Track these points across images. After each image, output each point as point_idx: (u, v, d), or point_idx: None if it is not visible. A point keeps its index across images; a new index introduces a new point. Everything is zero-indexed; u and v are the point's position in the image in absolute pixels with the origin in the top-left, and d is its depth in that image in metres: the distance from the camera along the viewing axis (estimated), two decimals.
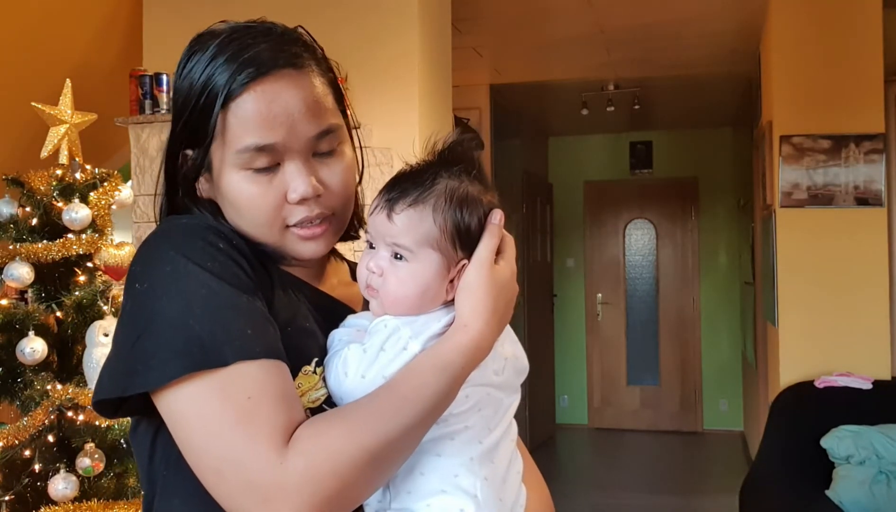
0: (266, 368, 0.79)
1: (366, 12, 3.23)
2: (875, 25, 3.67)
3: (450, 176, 0.90)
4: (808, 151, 3.71)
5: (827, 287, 3.69)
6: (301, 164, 0.92)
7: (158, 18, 3.48)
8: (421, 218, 0.88)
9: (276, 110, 0.90)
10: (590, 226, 7.51)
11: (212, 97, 0.90)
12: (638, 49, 4.96)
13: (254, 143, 0.89)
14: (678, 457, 6.45)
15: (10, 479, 2.39)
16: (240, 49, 0.92)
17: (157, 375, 0.79)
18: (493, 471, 0.89)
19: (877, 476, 3.05)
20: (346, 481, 0.76)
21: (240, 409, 0.77)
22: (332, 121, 0.94)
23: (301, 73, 0.93)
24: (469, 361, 0.84)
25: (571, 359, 7.43)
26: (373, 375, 0.84)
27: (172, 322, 0.80)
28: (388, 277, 0.89)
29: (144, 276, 0.85)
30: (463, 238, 0.89)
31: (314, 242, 0.94)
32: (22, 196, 2.59)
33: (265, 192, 0.91)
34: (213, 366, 0.77)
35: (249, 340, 0.80)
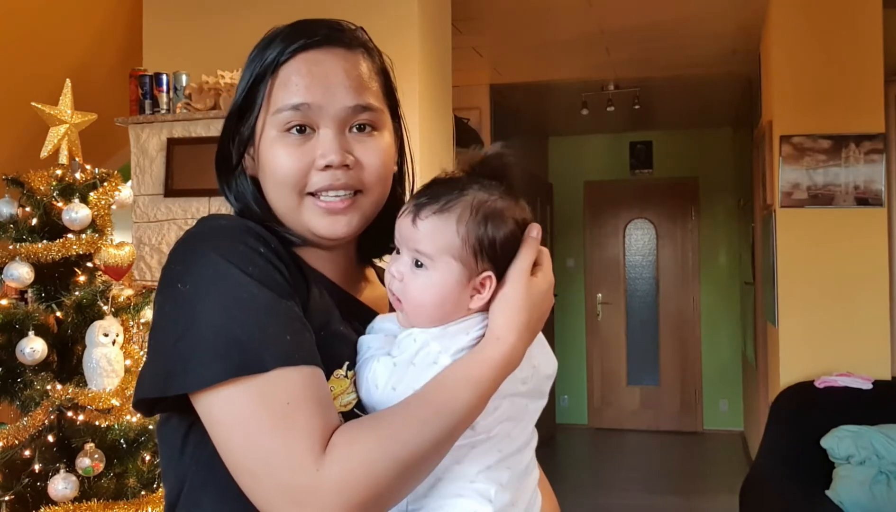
0: (304, 374, 0.80)
1: (366, 12, 3.23)
2: (875, 25, 3.67)
3: (480, 188, 0.90)
4: (808, 151, 3.71)
5: (827, 287, 3.69)
6: (334, 133, 0.92)
7: (158, 18, 3.48)
8: (445, 227, 0.87)
9: (317, 72, 0.92)
10: (590, 226, 7.51)
11: (264, 67, 0.94)
12: (638, 49, 4.96)
13: (290, 101, 0.92)
14: (678, 457, 6.45)
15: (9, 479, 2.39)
16: (297, 30, 0.96)
17: (198, 378, 0.80)
18: (509, 477, 0.89)
19: (877, 476, 3.05)
20: (378, 489, 0.77)
21: (278, 414, 0.78)
22: (373, 101, 0.96)
23: (350, 52, 0.96)
24: (499, 375, 0.85)
25: (571, 359, 7.43)
26: (403, 387, 0.85)
27: (214, 325, 0.81)
28: (408, 283, 0.89)
29: (186, 276, 0.85)
30: (486, 251, 0.88)
31: (333, 218, 0.94)
32: (22, 196, 2.58)
33: (294, 153, 0.92)
34: (253, 371, 0.78)
35: (288, 345, 0.81)
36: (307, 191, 0.93)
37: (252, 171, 0.98)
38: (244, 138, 0.97)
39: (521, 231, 0.91)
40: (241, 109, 0.97)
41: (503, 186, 0.92)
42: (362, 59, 0.97)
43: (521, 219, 0.92)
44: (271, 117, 0.93)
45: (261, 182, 0.97)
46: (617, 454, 6.69)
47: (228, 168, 0.99)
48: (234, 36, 3.22)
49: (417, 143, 3.11)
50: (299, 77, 0.92)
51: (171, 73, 3.11)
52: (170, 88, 3.10)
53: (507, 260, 0.89)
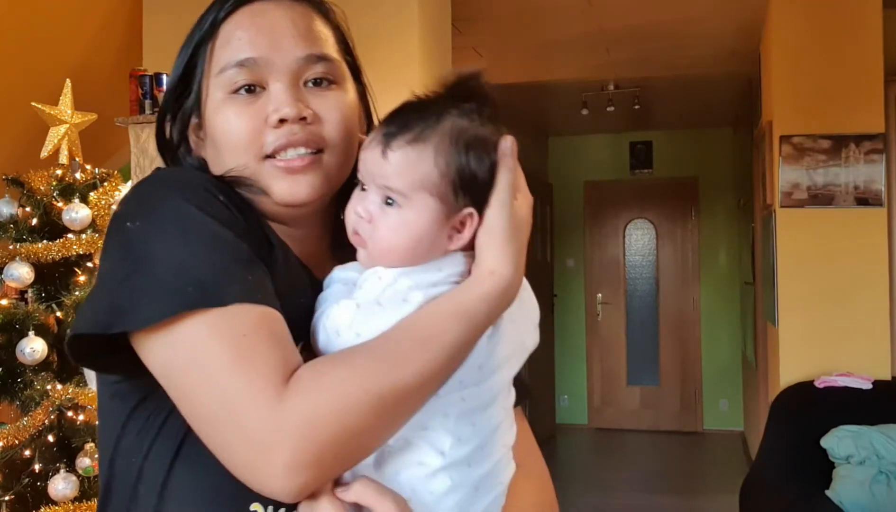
0: (265, 312, 0.72)
1: (366, 12, 3.23)
2: (875, 25, 3.67)
3: (459, 114, 0.79)
4: (808, 151, 3.70)
5: (827, 287, 3.69)
6: (285, 85, 0.83)
7: (158, 18, 3.48)
8: (420, 158, 0.77)
9: (261, 24, 0.84)
10: (590, 226, 7.51)
11: (203, 31, 0.87)
12: (638, 49, 4.96)
13: (235, 57, 0.83)
14: (678, 457, 6.45)
15: (10, 479, 2.39)
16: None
17: (148, 313, 0.71)
18: (472, 433, 0.79)
19: (877, 476, 3.05)
20: (349, 427, 0.69)
21: (235, 348, 0.70)
22: (328, 51, 0.87)
23: (298, 4, 0.87)
24: (494, 310, 0.76)
25: (571, 359, 7.43)
26: (369, 332, 0.75)
27: (168, 260, 0.72)
28: (378, 224, 0.79)
29: (138, 215, 0.77)
30: (467, 186, 0.78)
31: (293, 179, 0.83)
32: (22, 196, 2.59)
33: (243, 114, 0.83)
34: (209, 305, 0.70)
35: (251, 285, 0.73)
36: (264, 153, 0.83)
37: (198, 151, 0.89)
38: (187, 110, 0.88)
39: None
40: (181, 81, 0.88)
41: (483, 110, 0.81)
42: (312, 10, 0.88)
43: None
44: (215, 79, 0.84)
45: (210, 157, 0.87)
46: (617, 454, 6.69)
47: (171, 149, 0.91)
48: None
49: None
50: (242, 31, 0.84)
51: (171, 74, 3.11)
52: None
53: (487, 196, 0.79)
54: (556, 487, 1.03)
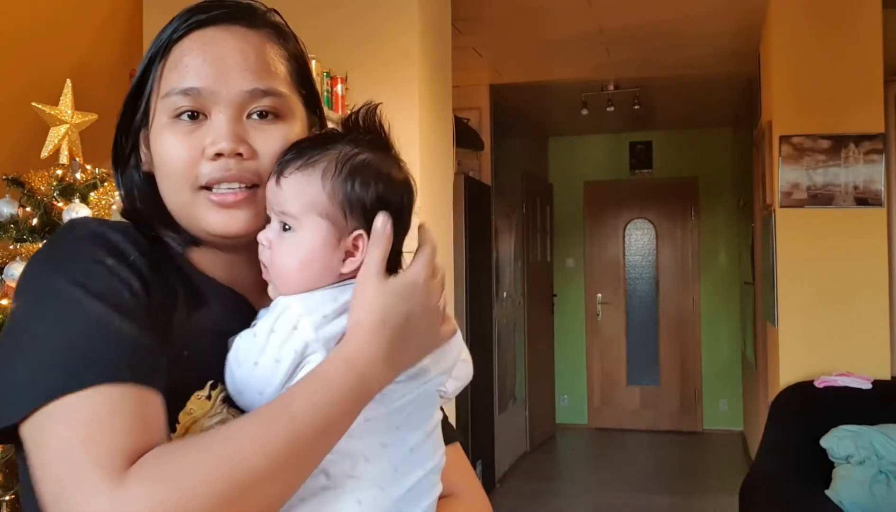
0: (127, 393, 0.70)
1: (366, 12, 3.23)
2: (875, 25, 3.67)
3: (348, 141, 0.83)
4: (807, 151, 3.71)
5: (827, 287, 3.69)
6: (227, 117, 0.83)
7: (158, 18, 3.47)
8: (309, 182, 0.80)
9: (210, 53, 0.83)
10: (590, 226, 7.51)
11: (158, 46, 0.86)
12: (638, 49, 4.96)
13: (180, 85, 0.83)
14: (678, 457, 6.45)
15: (10, 479, 2.39)
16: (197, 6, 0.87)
17: (11, 410, 0.70)
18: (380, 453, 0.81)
19: (876, 476, 3.05)
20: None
21: (83, 433, 0.67)
22: (277, 86, 0.86)
23: (252, 32, 0.86)
24: (354, 377, 0.75)
25: (571, 359, 7.43)
26: (266, 360, 0.77)
27: (34, 347, 0.72)
28: (276, 250, 0.82)
29: (20, 294, 0.77)
30: (355, 207, 0.81)
31: (227, 213, 0.83)
32: (22, 196, 2.58)
33: (182, 142, 0.83)
34: (66, 391, 0.69)
35: (114, 363, 0.71)
36: (199, 183, 0.83)
37: (147, 166, 0.88)
38: (137, 126, 0.88)
39: (397, 189, 0.84)
40: (135, 94, 0.88)
41: (375, 139, 0.85)
42: (268, 40, 0.87)
43: (396, 174, 0.84)
44: (161, 102, 0.84)
45: (156, 177, 0.87)
46: (617, 454, 6.69)
47: (121, 163, 0.91)
48: None
49: (417, 143, 3.11)
50: (190, 57, 0.83)
51: None
52: None
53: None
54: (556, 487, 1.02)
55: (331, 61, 3.02)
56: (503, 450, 5.60)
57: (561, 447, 6.88)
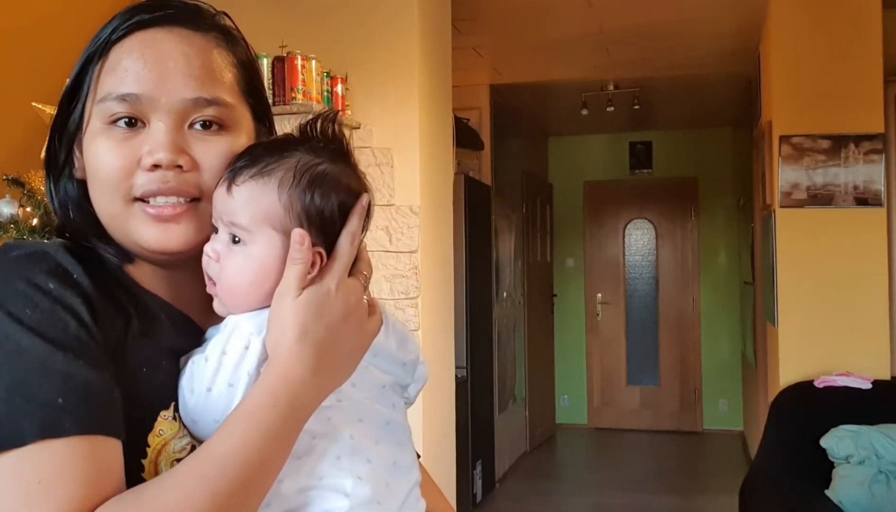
0: (73, 447, 0.66)
1: (366, 13, 3.23)
2: (875, 25, 3.67)
3: (307, 150, 0.78)
4: (807, 151, 3.71)
5: (826, 287, 3.70)
6: (167, 126, 0.77)
7: None
8: (263, 192, 0.75)
9: (150, 57, 0.78)
10: (590, 226, 7.51)
11: (96, 46, 0.81)
12: (638, 49, 4.96)
13: (116, 89, 0.77)
14: (678, 457, 6.45)
15: None
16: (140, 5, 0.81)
17: None
18: (370, 470, 0.78)
19: (876, 476, 3.05)
20: None
21: (25, 497, 0.64)
22: (222, 95, 0.80)
23: (199, 36, 0.81)
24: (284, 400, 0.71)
25: (571, 359, 7.43)
26: (219, 385, 0.73)
27: None
28: (224, 263, 0.76)
29: None
30: (313, 222, 0.76)
31: (163, 227, 0.78)
32: (22, 196, 2.59)
33: (116, 149, 0.77)
34: (4, 447, 0.65)
35: (57, 412, 0.66)
36: (133, 194, 0.78)
37: (81, 174, 0.82)
38: (70, 131, 0.82)
39: (355, 201, 0.78)
40: (70, 95, 0.82)
41: (334, 148, 0.80)
42: (214, 45, 0.82)
43: (354, 186, 0.80)
44: (96, 106, 0.79)
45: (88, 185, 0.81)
46: (617, 454, 6.69)
47: (56, 167, 0.84)
48: None
49: (417, 143, 3.11)
50: (130, 60, 0.78)
51: None
52: None
53: (337, 233, 0.77)
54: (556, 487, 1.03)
55: (331, 61, 3.02)
56: (503, 450, 5.60)
57: (561, 447, 6.88)
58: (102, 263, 0.80)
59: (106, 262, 0.81)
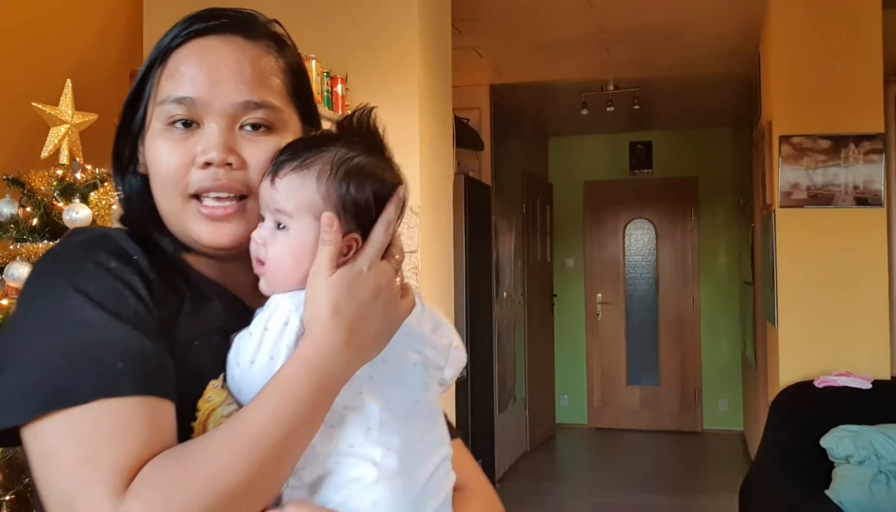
0: (130, 406, 0.72)
1: (366, 13, 3.23)
2: (875, 25, 3.67)
3: (343, 144, 0.84)
4: (807, 151, 3.71)
5: (827, 287, 3.70)
6: (219, 128, 0.84)
7: (158, 18, 3.48)
8: (303, 184, 0.82)
9: (205, 63, 0.85)
10: (590, 226, 7.52)
11: (157, 52, 0.87)
12: (638, 49, 4.96)
13: (174, 93, 0.84)
14: (678, 457, 6.45)
15: (10, 479, 2.39)
16: (197, 15, 0.88)
17: (10, 414, 0.74)
18: (399, 443, 0.83)
19: (876, 476, 3.05)
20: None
21: (85, 450, 0.70)
22: (271, 98, 0.87)
23: (250, 44, 0.87)
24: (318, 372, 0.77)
25: (571, 359, 7.44)
26: (261, 358, 0.80)
27: (35, 354, 0.74)
28: (269, 247, 0.84)
29: (23, 300, 0.79)
30: (349, 210, 0.82)
31: (216, 226, 0.85)
32: (22, 196, 2.59)
33: (174, 149, 0.85)
34: (68, 404, 0.71)
35: (116, 375, 0.73)
36: (189, 191, 0.85)
37: (144, 170, 0.90)
38: (135, 130, 0.89)
39: (389, 191, 0.85)
40: (134, 98, 0.89)
41: (369, 142, 0.86)
42: (265, 51, 0.88)
43: (389, 178, 0.85)
44: (157, 108, 0.86)
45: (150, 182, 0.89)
46: (617, 454, 6.69)
47: (122, 164, 0.92)
48: None
49: (417, 143, 3.11)
50: (187, 66, 0.85)
51: None
52: None
53: (372, 220, 0.83)
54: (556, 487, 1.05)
55: (331, 61, 3.02)
56: (503, 450, 5.60)
57: (561, 447, 6.88)
58: (161, 250, 0.88)
59: (164, 249, 0.88)
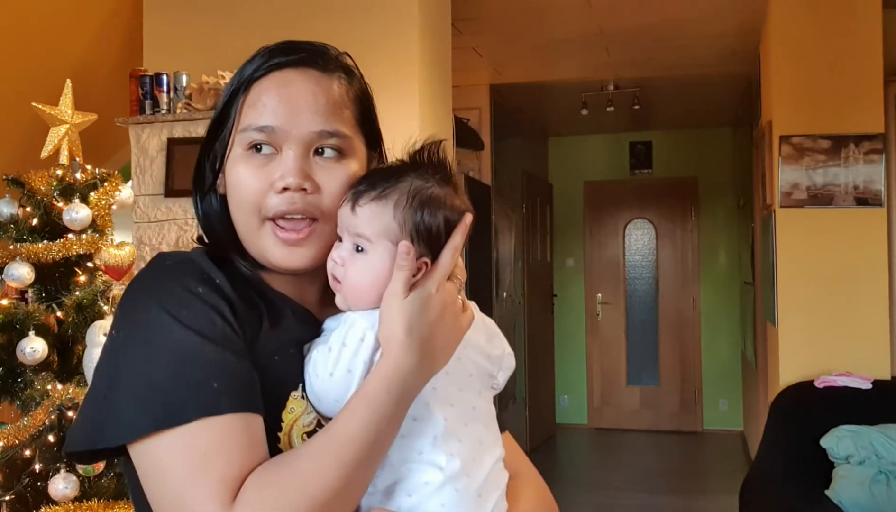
0: (228, 422, 0.80)
1: (366, 12, 3.23)
2: (875, 26, 3.67)
3: (417, 176, 0.92)
4: (807, 151, 3.71)
5: (827, 287, 3.69)
6: (295, 155, 0.92)
7: (158, 18, 3.48)
8: (383, 212, 0.89)
9: (286, 94, 0.92)
10: (590, 226, 7.52)
11: (240, 82, 0.95)
12: (638, 49, 4.96)
13: (256, 122, 0.92)
14: (678, 457, 6.45)
15: (10, 479, 2.39)
16: (278, 48, 0.96)
17: (123, 432, 0.81)
18: (460, 448, 0.91)
19: (876, 476, 3.05)
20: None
21: (193, 465, 0.78)
22: (342, 128, 0.94)
23: (324, 76, 0.95)
24: (396, 387, 0.84)
25: (571, 359, 7.44)
26: (339, 371, 0.87)
27: (138, 376, 0.81)
28: (349, 268, 0.91)
29: (120, 323, 0.87)
30: (423, 237, 0.89)
31: (291, 250, 0.93)
32: (22, 196, 2.59)
33: (254, 174, 0.92)
34: (174, 423, 0.79)
35: (214, 394, 0.80)
36: (266, 215, 0.92)
37: (223, 190, 0.97)
38: (217, 154, 0.97)
39: (457, 218, 0.92)
40: (218, 123, 0.97)
41: (439, 174, 0.93)
42: (337, 83, 0.96)
43: (457, 206, 0.93)
44: (239, 135, 0.93)
45: (228, 201, 0.96)
46: (617, 454, 6.69)
47: (203, 184, 0.99)
48: (235, 36, 3.22)
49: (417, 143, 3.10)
50: (268, 97, 0.92)
51: (171, 74, 3.12)
52: (170, 89, 3.11)
53: (441, 245, 0.91)
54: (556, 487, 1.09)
55: None
56: None
57: (561, 447, 6.88)
58: (236, 268, 0.95)
59: (239, 268, 0.95)
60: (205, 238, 1.00)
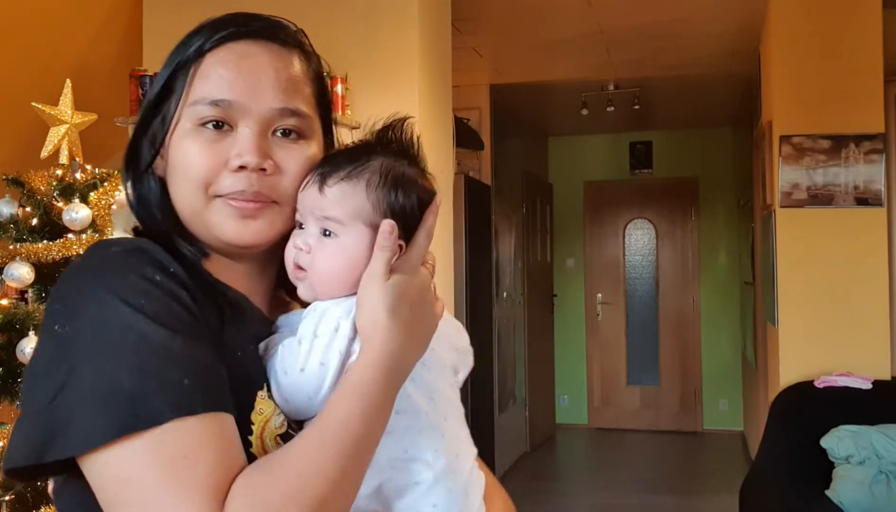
0: (205, 423, 0.71)
1: (366, 12, 3.23)
2: (875, 25, 3.67)
3: (386, 154, 0.87)
4: (807, 151, 3.71)
5: (827, 287, 3.69)
6: (253, 132, 0.84)
7: (158, 18, 3.48)
8: (354, 192, 0.84)
9: (245, 66, 0.85)
10: (590, 226, 7.52)
11: (188, 55, 0.86)
12: (638, 49, 4.96)
13: (210, 95, 0.84)
14: (678, 457, 6.45)
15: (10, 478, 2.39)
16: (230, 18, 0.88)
17: (81, 439, 0.69)
18: (444, 444, 0.87)
19: (877, 476, 3.05)
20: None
21: (173, 471, 0.69)
22: (303, 107, 0.88)
23: (284, 50, 0.88)
24: (385, 373, 0.79)
25: (571, 359, 7.43)
26: (312, 364, 0.80)
27: (98, 374, 0.70)
28: (317, 254, 0.85)
29: (67, 316, 0.75)
30: (397, 216, 0.84)
31: (244, 222, 0.85)
32: (22, 196, 2.59)
33: (205, 150, 0.84)
34: (144, 426, 0.69)
35: (187, 392, 0.71)
36: (218, 193, 0.84)
37: (161, 171, 0.88)
38: (157, 128, 0.87)
39: (429, 198, 0.88)
40: (157, 101, 0.88)
41: (408, 153, 0.89)
42: (297, 60, 0.89)
43: (428, 186, 0.89)
44: (188, 109, 0.84)
45: (168, 182, 0.87)
46: (617, 454, 6.69)
47: (138, 167, 0.89)
48: None
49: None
50: (225, 69, 0.84)
51: None
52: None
53: (415, 228, 0.86)
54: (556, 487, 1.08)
55: (331, 61, 3.00)
56: (503, 450, 5.60)
57: (561, 447, 6.88)
58: (183, 258, 0.85)
59: (184, 257, 0.85)
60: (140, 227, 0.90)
